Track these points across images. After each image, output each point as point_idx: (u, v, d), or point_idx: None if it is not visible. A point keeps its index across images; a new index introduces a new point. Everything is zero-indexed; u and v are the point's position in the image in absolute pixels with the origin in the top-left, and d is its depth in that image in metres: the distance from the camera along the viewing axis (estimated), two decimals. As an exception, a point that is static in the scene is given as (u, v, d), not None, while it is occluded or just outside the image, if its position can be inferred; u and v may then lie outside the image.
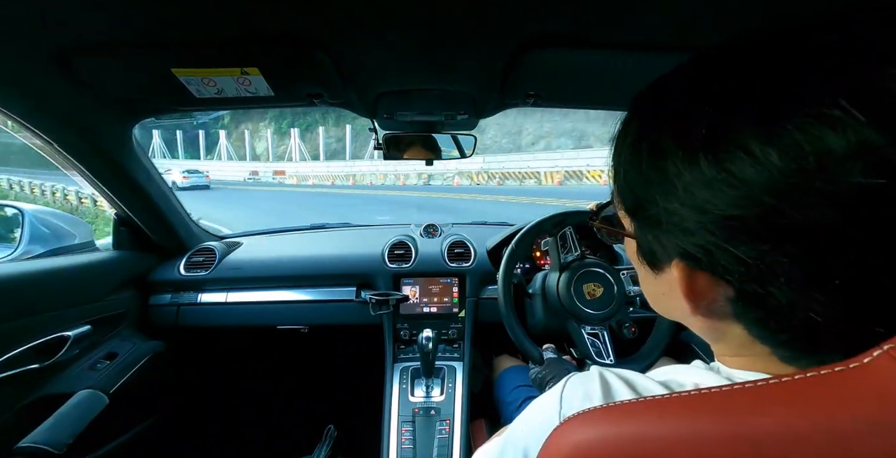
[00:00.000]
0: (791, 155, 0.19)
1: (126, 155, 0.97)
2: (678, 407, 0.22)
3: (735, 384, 0.20)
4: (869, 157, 0.18)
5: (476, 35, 0.62)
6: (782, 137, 0.19)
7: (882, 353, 0.17)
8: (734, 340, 0.27)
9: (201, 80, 0.71)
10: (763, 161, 0.19)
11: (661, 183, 0.24)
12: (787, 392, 0.18)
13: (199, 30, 0.59)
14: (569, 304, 0.87)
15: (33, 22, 0.56)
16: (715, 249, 0.23)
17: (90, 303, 1.02)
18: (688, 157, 0.22)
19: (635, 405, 0.24)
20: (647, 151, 0.25)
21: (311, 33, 0.61)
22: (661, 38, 0.61)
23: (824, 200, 0.19)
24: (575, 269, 0.90)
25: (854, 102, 0.18)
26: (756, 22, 0.23)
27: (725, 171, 0.21)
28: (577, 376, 0.33)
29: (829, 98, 0.18)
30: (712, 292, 0.25)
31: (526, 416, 0.36)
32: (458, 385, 1.14)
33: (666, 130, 0.24)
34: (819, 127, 0.18)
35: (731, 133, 0.21)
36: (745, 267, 0.22)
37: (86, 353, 1.02)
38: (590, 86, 0.81)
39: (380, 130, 1.06)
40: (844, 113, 0.18)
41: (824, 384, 0.18)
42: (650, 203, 0.26)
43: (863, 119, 0.18)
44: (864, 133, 0.18)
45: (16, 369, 0.85)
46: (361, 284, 1.25)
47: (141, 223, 1.16)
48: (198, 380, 1.50)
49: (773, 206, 0.20)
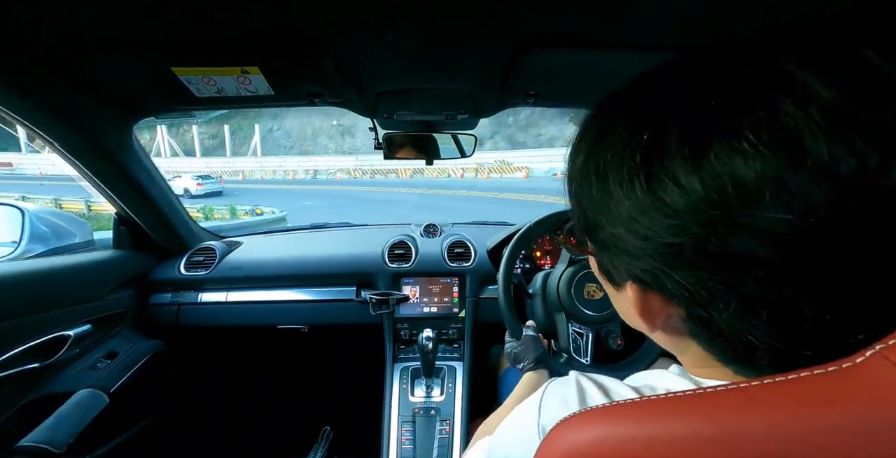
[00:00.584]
0: (711, 185, 0.19)
1: (126, 154, 0.97)
2: (647, 410, 0.22)
3: (718, 387, 0.20)
4: (775, 190, 0.18)
5: (476, 35, 0.62)
6: (704, 167, 0.19)
7: (875, 353, 0.17)
8: (694, 354, 0.28)
9: (201, 79, 0.71)
10: (688, 190, 0.20)
11: (607, 208, 0.24)
12: (772, 394, 0.18)
13: (199, 29, 0.59)
14: (567, 301, 0.87)
15: (33, 21, 0.56)
16: (660, 273, 0.23)
17: (90, 302, 1.02)
18: (627, 182, 0.22)
19: (619, 408, 0.23)
20: (594, 173, 0.25)
21: (312, 33, 0.61)
22: (660, 38, 0.61)
23: (744, 231, 0.19)
24: (581, 267, 0.89)
25: (759, 133, 0.18)
26: (755, 22, 0.23)
27: (659, 199, 0.21)
28: (555, 383, 0.34)
29: (739, 129, 0.18)
30: (665, 311, 0.26)
31: (508, 423, 0.37)
32: (458, 385, 1.14)
33: (609, 153, 0.24)
34: (733, 158, 0.18)
35: (661, 160, 0.21)
36: (688, 292, 0.22)
37: (86, 352, 1.03)
38: (590, 86, 0.81)
39: (380, 130, 1.06)
40: (750, 145, 0.18)
41: (817, 384, 0.18)
42: (599, 227, 0.26)
43: (766, 152, 0.18)
44: (769, 165, 0.18)
45: (16, 368, 0.85)
46: (361, 283, 1.25)
47: (141, 223, 1.16)
48: (198, 379, 1.50)
49: (700, 235, 0.20)
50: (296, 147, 46.68)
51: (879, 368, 0.16)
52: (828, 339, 0.20)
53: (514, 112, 26.79)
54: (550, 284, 0.91)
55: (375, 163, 29.31)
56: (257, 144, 40.05)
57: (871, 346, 0.17)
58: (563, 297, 0.87)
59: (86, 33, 0.60)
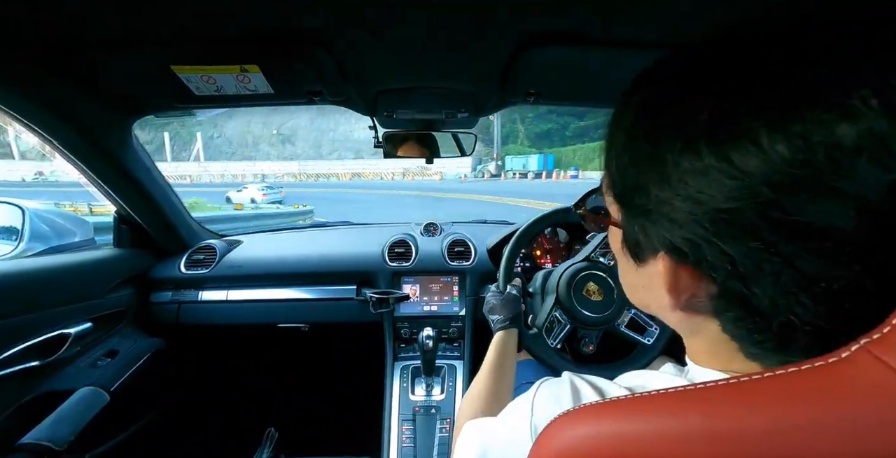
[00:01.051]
0: (799, 146, 0.18)
1: (126, 153, 0.97)
2: (639, 407, 0.22)
3: (708, 383, 0.20)
4: (876, 150, 0.17)
5: (476, 33, 0.61)
6: (792, 127, 0.18)
7: (859, 348, 0.17)
8: (708, 336, 0.27)
9: (201, 77, 0.71)
10: (768, 150, 0.19)
11: (656, 171, 0.23)
12: (762, 390, 0.18)
13: (199, 27, 0.59)
14: (566, 300, 0.86)
15: (33, 20, 0.56)
16: (704, 243, 0.22)
17: (91, 301, 1.02)
18: (686, 144, 0.21)
19: (611, 405, 0.23)
20: (642, 138, 0.24)
21: (312, 31, 0.61)
22: (661, 37, 0.61)
23: (828, 196, 0.18)
24: (582, 267, 0.89)
25: (872, 94, 0.17)
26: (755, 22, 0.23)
27: (726, 160, 0.20)
28: (547, 383, 0.35)
29: (847, 89, 0.18)
30: (694, 287, 0.25)
31: (502, 419, 0.37)
32: (458, 384, 1.14)
33: (664, 116, 0.23)
34: (833, 118, 0.18)
35: (736, 121, 0.20)
36: (731, 265, 0.21)
37: (87, 350, 1.03)
38: (591, 84, 0.81)
39: (380, 128, 1.06)
40: (863, 103, 0.17)
41: (804, 380, 0.18)
42: (641, 192, 0.25)
43: (873, 110, 0.17)
44: (874, 124, 0.17)
45: (17, 366, 0.85)
46: (362, 282, 1.25)
47: (141, 221, 1.16)
48: (198, 378, 1.50)
49: (771, 200, 0.19)
50: (238, 153, 51.46)
51: (864, 363, 0.16)
52: (880, 320, 0.18)
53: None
54: (550, 283, 0.91)
55: (318, 168, 35.34)
56: (200, 149, 41.90)
57: (855, 340, 0.17)
58: (562, 296, 0.87)
59: (85, 32, 0.60)
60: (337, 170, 40.55)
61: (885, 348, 0.16)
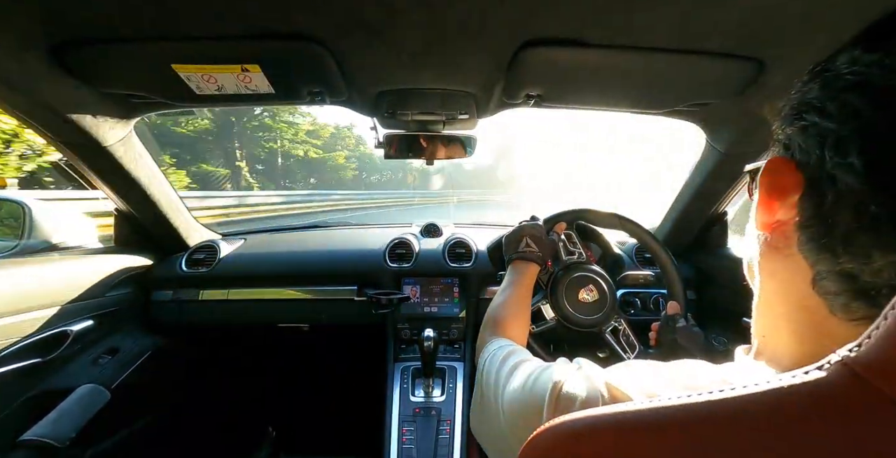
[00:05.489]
0: None
1: (127, 151, 0.97)
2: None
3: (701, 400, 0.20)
4: None
5: (477, 35, 0.61)
6: None
7: (838, 362, 0.16)
8: (791, 276, 0.25)
9: (202, 76, 0.71)
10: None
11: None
12: (748, 409, 0.18)
13: (200, 26, 0.59)
14: (560, 302, 0.86)
15: (33, 17, 0.56)
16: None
17: (92, 299, 1.03)
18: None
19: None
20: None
21: (313, 32, 0.61)
22: (660, 40, 0.60)
23: None
24: (574, 270, 0.89)
25: None
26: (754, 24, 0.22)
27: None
28: (582, 374, 0.33)
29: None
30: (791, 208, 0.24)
31: (521, 389, 0.37)
32: (458, 386, 1.14)
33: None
34: None
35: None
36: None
37: (88, 348, 1.03)
38: (590, 86, 0.80)
39: (380, 129, 1.06)
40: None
41: (790, 397, 0.17)
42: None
43: None
44: None
45: (18, 363, 0.86)
46: (362, 283, 1.25)
47: (143, 220, 1.16)
48: (198, 376, 1.51)
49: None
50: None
51: (842, 378, 0.16)
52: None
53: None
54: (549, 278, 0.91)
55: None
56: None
57: (833, 351, 0.17)
58: (556, 298, 0.87)
59: (87, 30, 0.60)
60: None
61: (863, 362, 0.16)
